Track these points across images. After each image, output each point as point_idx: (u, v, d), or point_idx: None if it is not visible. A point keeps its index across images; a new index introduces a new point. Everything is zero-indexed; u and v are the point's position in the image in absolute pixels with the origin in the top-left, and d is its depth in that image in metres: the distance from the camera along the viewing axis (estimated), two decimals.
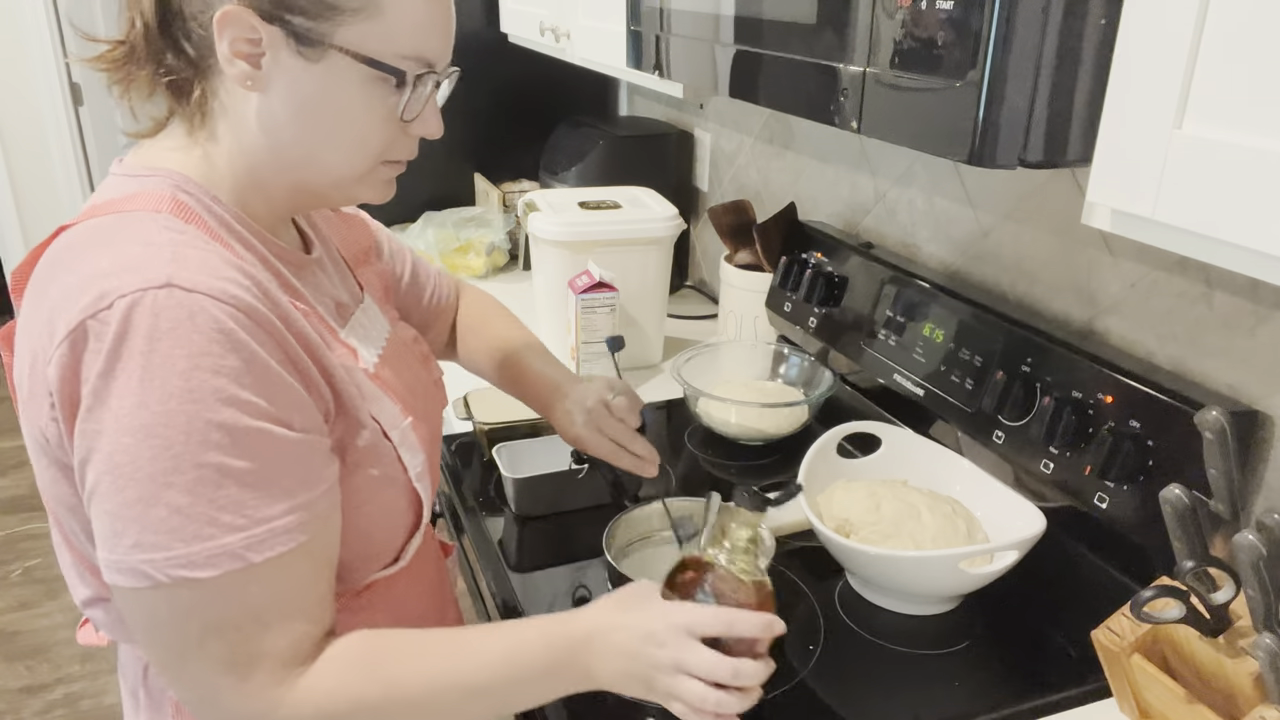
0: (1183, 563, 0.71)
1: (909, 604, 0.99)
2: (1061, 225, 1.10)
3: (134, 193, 0.67)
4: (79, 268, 0.61)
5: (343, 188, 0.73)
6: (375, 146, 0.71)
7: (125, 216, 0.64)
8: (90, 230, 0.64)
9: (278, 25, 0.65)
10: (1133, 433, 0.91)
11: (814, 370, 1.41)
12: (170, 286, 0.58)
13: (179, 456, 0.58)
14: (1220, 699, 0.75)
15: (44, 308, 0.61)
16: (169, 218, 0.65)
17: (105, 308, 0.58)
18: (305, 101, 0.68)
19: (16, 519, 2.98)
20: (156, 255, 0.60)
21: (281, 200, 0.74)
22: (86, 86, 3.50)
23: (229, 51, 0.65)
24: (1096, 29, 0.66)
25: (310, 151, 0.70)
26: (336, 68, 0.67)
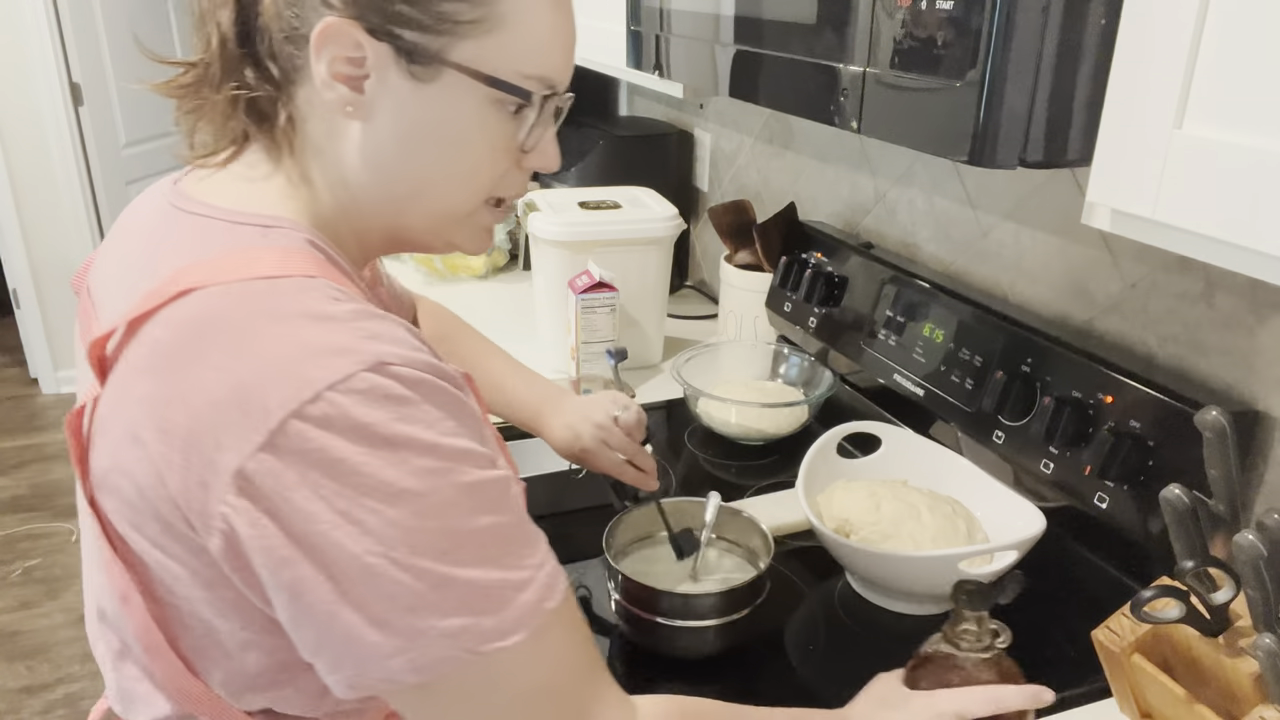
0: (1183, 563, 0.71)
1: (909, 604, 0.99)
2: (1061, 225, 1.10)
3: (264, 248, 0.57)
4: (245, 349, 0.51)
5: (443, 231, 0.66)
6: (487, 180, 0.64)
7: (276, 284, 0.54)
8: (237, 300, 0.53)
9: (387, 41, 0.57)
10: (1133, 433, 0.91)
11: (814, 370, 1.41)
12: (382, 365, 0.51)
13: (456, 531, 0.52)
14: (1220, 699, 0.75)
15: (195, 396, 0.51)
16: (327, 284, 0.56)
17: (310, 400, 0.49)
18: (413, 129, 0.60)
19: (16, 519, 2.98)
20: (346, 331, 0.52)
21: (373, 245, 0.67)
22: (86, 86, 3.50)
23: (328, 73, 0.57)
24: (1096, 29, 0.66)
25: (415, 187, 0.62)
26: (451, 89, 0.59)
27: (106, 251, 0.68)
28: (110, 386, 0.55)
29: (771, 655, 0.93)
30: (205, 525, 0.51)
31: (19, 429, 3.54)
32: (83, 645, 2.43)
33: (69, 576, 2.71)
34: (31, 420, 3.61)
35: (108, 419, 0.55)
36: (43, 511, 3.02)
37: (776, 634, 0.96)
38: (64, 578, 2.70)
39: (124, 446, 0.54)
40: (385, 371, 0.51)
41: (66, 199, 3.58)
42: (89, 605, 0.66)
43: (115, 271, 0.64)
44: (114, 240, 0.68)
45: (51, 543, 2.87)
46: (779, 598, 0.98)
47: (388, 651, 0.51)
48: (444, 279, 2.02)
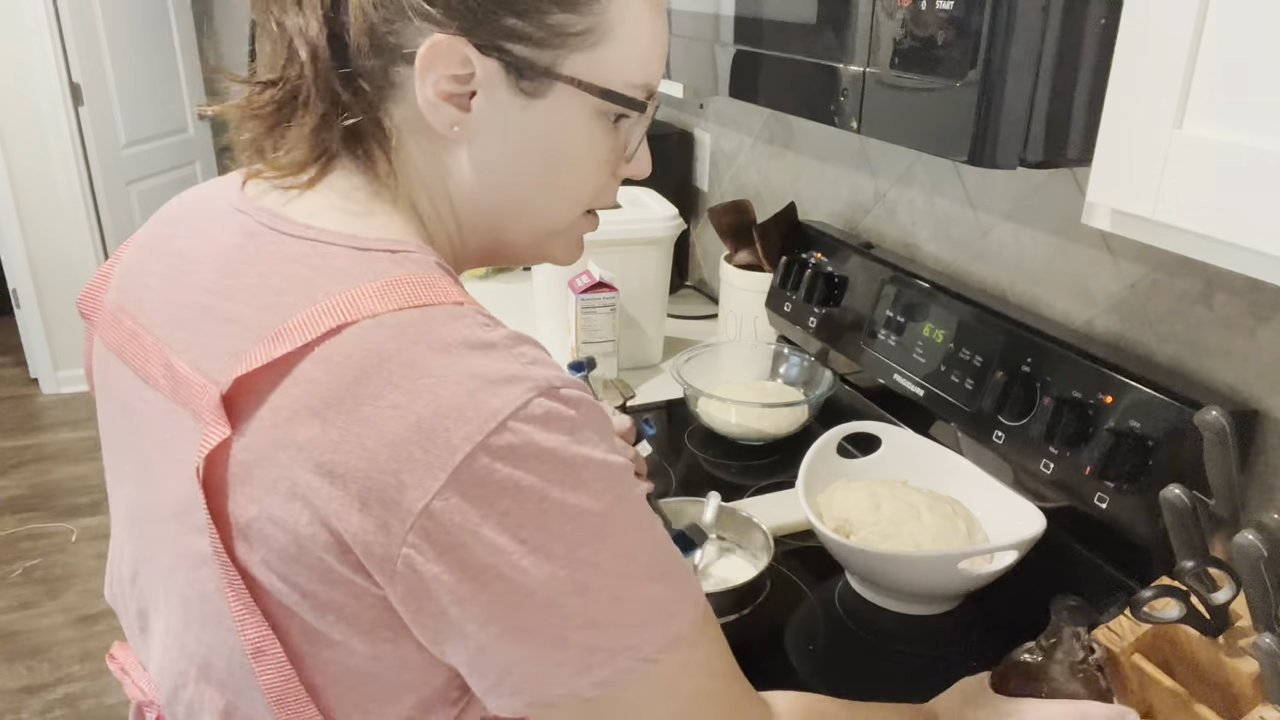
0: (1182, 562, 0.71)
1: (909, 604, 0.99)
2: (1061, 225, 1.10)
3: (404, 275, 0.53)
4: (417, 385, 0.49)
5: (541, 245, 0.65)
6: (588, 193, 0.64)
7: (430, 313, 0.51)
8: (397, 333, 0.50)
9: (496, 57, 0.55)
10: (1133, 433, 0.91)
11: (814, 370, 1.41)
12: (551, 389, 0.50)
13: (633, 546, 0.52)
14: (1220, 699, 0.75)
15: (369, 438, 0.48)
16: (475, 309, 0.54)
17: (494, 430, 0.48)
18: (521, 146, 0.58)
19: (16, 519, 2.98)
20: (510, 358, 0.51)
21: (464, 263, 0.65)
22: (86, 86, 3.51)
23: (434, 93, 0.55)
24: (1096, 29, 0.66)
25: (520, 204, 0.61)
26: (560, 104, 0.57)
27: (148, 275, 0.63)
28: (252, 431, 0.51)
29: (771, 655, 0.93)
30: (385, 570, 0.49)
31: (19, 429, 3.54)
32: (83, 645, 2.43)
33: (69, 576, 2.71)
34: (31, 420, 3.61)
35: (252, 466, 0.51)
36: (43, 511, 3.02)
37: (776, 634, 0.96)
38: (64, 578, 2.70)
39: (278, 494, 0.50)
40: (556, 395, 0.50)
41: (66, 199, 3.58)
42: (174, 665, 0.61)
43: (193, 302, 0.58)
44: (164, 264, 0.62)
45: (51, 543, 2.87)
46: (779, 598, 0.98)
47: (574, 670, 0.51)
48: None
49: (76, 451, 3.39)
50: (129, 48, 3.71)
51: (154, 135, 3.92)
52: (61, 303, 3.72)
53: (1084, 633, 0.70)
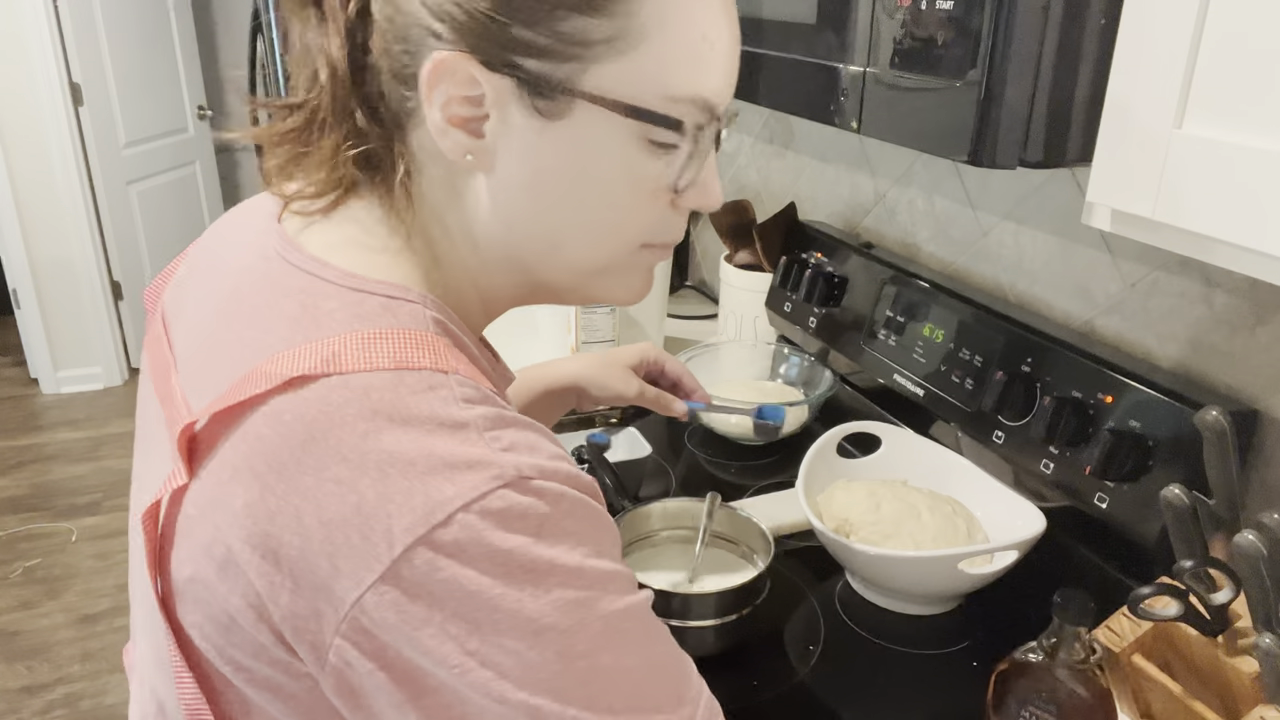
0: (1182, 562, 0.71)
1: (909, 604, 0.99)
2: (1061, 225, 1.10)
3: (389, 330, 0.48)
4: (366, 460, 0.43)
5: (586, 286, 0.57)
6: (636, 228, 0.54)
7: (404, 380, 0.46)
8: (359, 397, 0.45)
9: (506, 74, 0.49)
10: (1133, 433, 0.91)
11: (814, 370, 1.41)
12: (521, 480, 0.44)
13: (606, 671, 0.45)
14: (1220, 699, 0.75)
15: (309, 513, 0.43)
16: (458, 380, 0.47)
17: (441, 523, 0.42)
18: (544, 175, 0.51)
19: (16, 519, 2.98)
20: (480, 441, 0.45)
21: (499, 304, 0.59)
22: (86, 87, 3.51)
23: (442, 118, 0.49)
24: (1096, 29, 0.66)
25: (552, 242, 0.54)
26: (586, 124, 0.50)
27: (192, 280, 0.60)
28: (200, 483, 0.47)
29: (771, 655, 0.93)
30: (316, 658, 0.45)
31: (19, 429, 3.54)
32: (83, 645, 2.43)
33: (69, 576, 2.71)
34: (31, 420, 3.61)
35: (195, 521, 0.47)
36: (43, 511, 3.02)
37: (776, 634, 0.96)
38: (64, 578, 2.70)
39: (212, 561, 0.46)
40: (525, 487, 0.44)
41: (66, 199, 3.58)
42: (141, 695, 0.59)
43: (205, 319, 0.55)
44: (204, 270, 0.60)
45: (51, 543, 2.87)
46: (779, 598, 0.98)
47: None
48: None
49: (76, 451, 3.38)
50: (129, 48, 3.71)
51: (154, 135, 3.92)
52: (61, 303, 3.72)
53: (1085, 633, 0.70)
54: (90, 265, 3.69)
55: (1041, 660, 0.71)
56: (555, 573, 0.44)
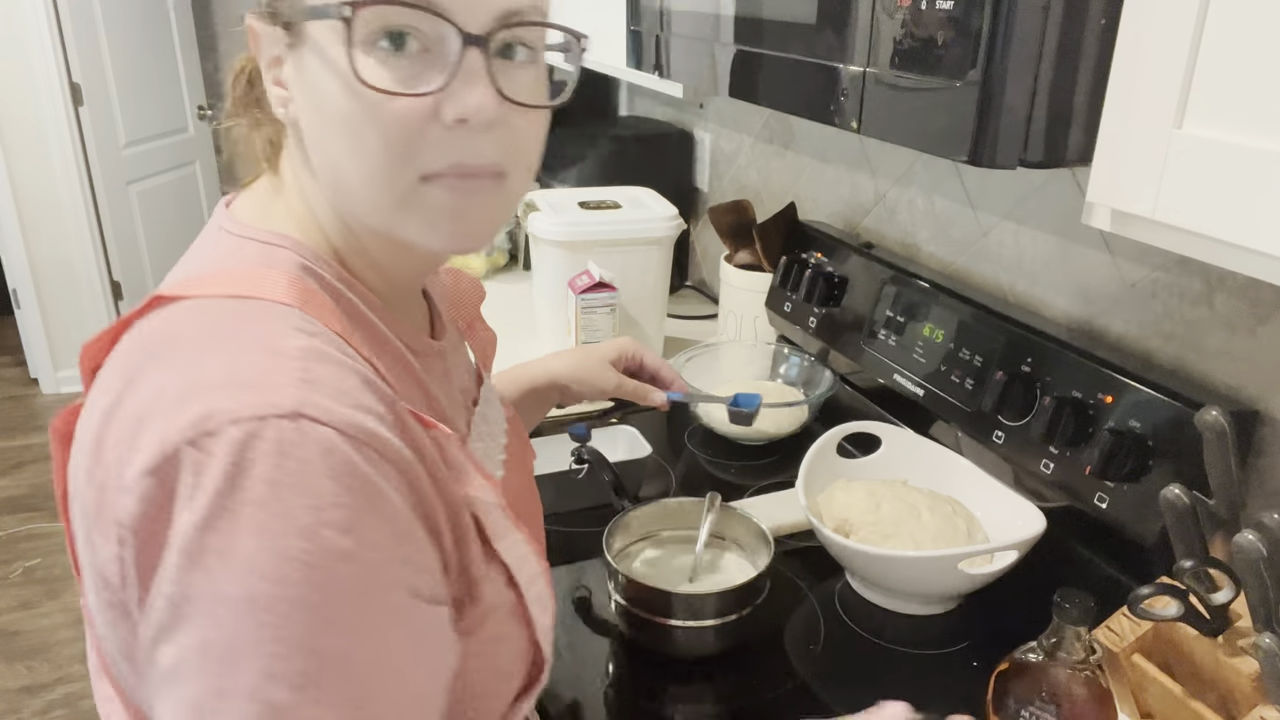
0: (1182, 562, 0.71)
1: (909, 604, 0.99)
2: (1061, 225, 1.10)
3: (252, 267, 0.53)
4: (181, 366, 0.47)
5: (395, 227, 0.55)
6: (395, 144, 0.52)
7: (246, 305, 0.50)
8: (200, 315, 0.50)
9: (273, 23, 0.54)
10: (1133, 433, 0.91)
11: (814, 370, 1.41)
12: (299, 418, 0.45)
13: (289, 640, 0.43)
14: (1220, 699, 0.75)
15: (129, 408, 0.47)
16: (300, 315, 0.50)
17: (209, 433, 0.44)
18: (310, 111, 0.55)
19: (16, 519, 2.98)
20: (283, 370, 0.46)
21: (382, 259, 0.59)
22: (86, 87, 3.51)
23: (270, 79, 0.56)
24: (1096, 29, 0.66)
25: (335, 179, 0.55)
26: (313, 46, 0.53)
27: None
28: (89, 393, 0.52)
29: (771, 655, 0.93)
30: (104, 534, 0.47)
31: (19, 429, 3.54)
32: (83, 645, 2.43)
33: (69, 576, 2.71)
34: (31, 420, 3.61)
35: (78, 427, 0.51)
36: (43, 511, 3.02)
37: (776, 634, 0.96)
38: (64, 578, 2.70)
39: (78, 454, 0.50)
40: (298, 426, 0.44)
41: (66, 199, 3.58)
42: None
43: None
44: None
45: (51, 543, 2.87)
46: (779, 598, 0.98)
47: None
48: None
49: None
50: (129, 48, 3.71)
51: (154, 135, 3.92)
52: (61, 303, 3.72)
53: (1085, 632, 0.70)
54: (90, 265, 3.69)
55: (1041, 660, 0.71)
56: (288, 519, 0.44)
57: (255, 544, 0.43)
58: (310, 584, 0.44)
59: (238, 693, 0.43)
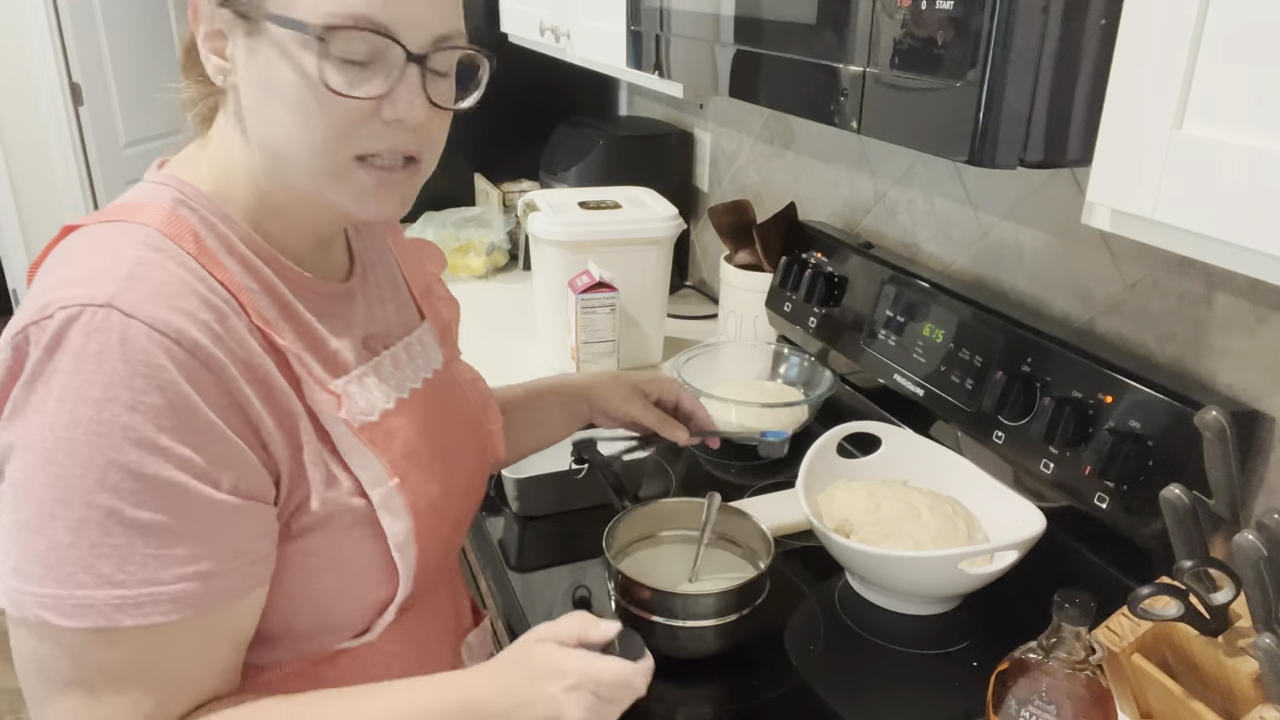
0: (1181, 562, 0.71)
1: (909, 604, 0.99)
2: (1061, 225, 1.10)
3: (138, 202, 0.64)
4: (54, 272, 0.59)
5: (324, 194, 0.65)
6: (333, 135, 0.63)
7: (112, 227, 0.62)
8: (82, 236, 0.62)
9: (227, 8, 0.62)
10: (1133, 433, 0.91)
11: (814, 370, 1.41)
12: (109, 307, 0.55)
13: (71, 489, 0.54)
14: (1220, 699, 0.75)
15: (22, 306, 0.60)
16: (149, 231, 0.61)
17: (46, 317, 0.55)
18: (260, 89, 0.63)
19: None
20: (112, 271, 0.57)
21: (295, 216, 0.68)
22: (86, 86, 3.50)
23: (205, 47, 0.64)
24: (1096, 29, 0.66)
25: (276, 148, 0.64)
26: (274, 42, 0.61)
27: None
28: None
29: (771, 655, 0.93)
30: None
31: None
32: None
33: None
34: None
35: None
36: None
37: (776, 634, 0.96)
38: None
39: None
40: (107, 314, 0.55)
41: (66, 199, 3.58)
42: None
43: None
44: None
45: None
46: (779, 598, 0.98)
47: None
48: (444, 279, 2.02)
49: None
50: (129, 48, 3.71)
51: (154, 135, 3.92)
52: None
53: (1085, 632, 0.70)
54: None
55: (1041, 660, 0.71)
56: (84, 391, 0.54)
57: (55, 406, 0.54)
58: (92, 447, 0.54)
59: (30, 526, 0.55)
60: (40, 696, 0.58)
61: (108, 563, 0.55)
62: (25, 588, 0.55)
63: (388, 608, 0.71)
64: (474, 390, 0.89)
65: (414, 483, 0.71)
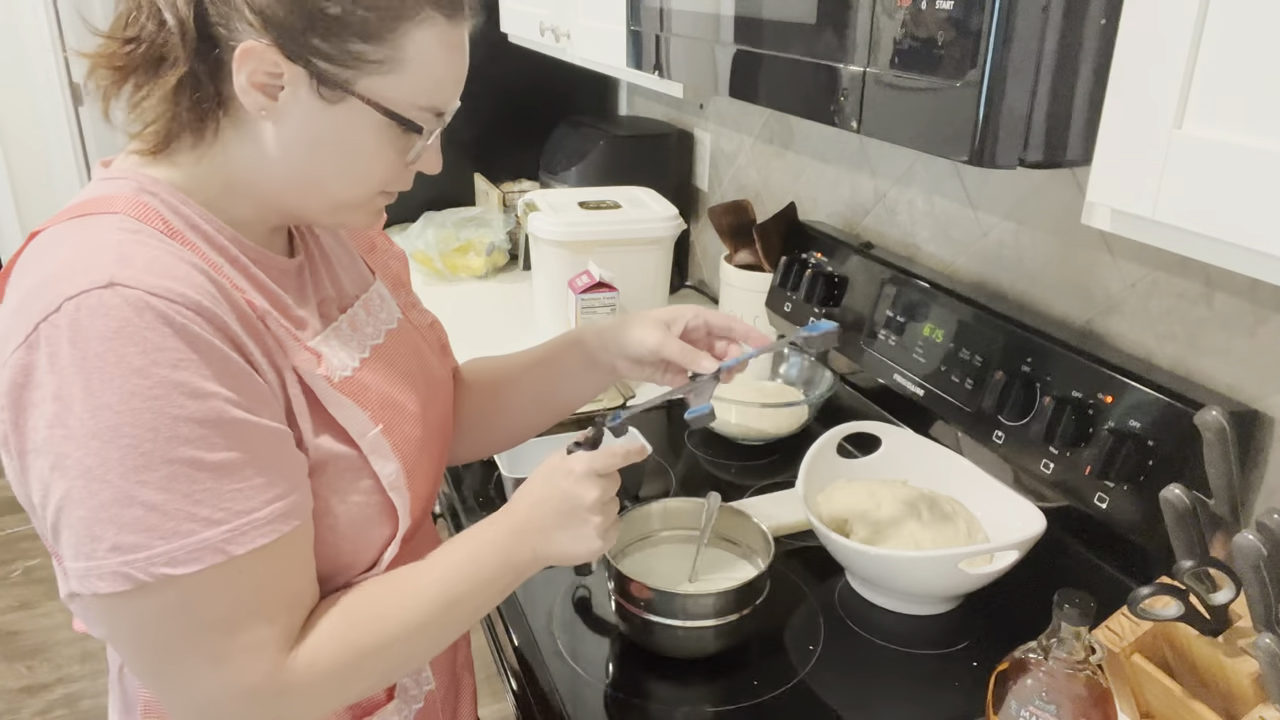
0: (1181, 562, 0.71)
1: (909, 604, 0.99)
2: (1061, 225, 1.10)
3: (100, 195, 0.66)
4: (35, 272, 0.61)
5: (337, 214, 0.73)
6: (378, 182, 0.72)
7: (83, 220, 0.64)
8: (54, 235, 0.64)
9: (301, 65, 0.64)
10: (1133, 433, 0.91)
11: (814, 370, 1.41)
12: (113, 285, 0.58)
13: (149, 454, 0.57)
14: (1220, 699, 0.75)
15: (6, 307, 0.61)
16: (122, 218, 0.64)
17: (55, 310, 0.57)
18: (317, 138, 0.67)
19: (16, 519, 2.98)
20: (102, 256, 0.60)
21: (272, 213, 0.73)
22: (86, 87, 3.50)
23: (246, 82, 0.64)
24: (1096, 29, 0.66)
25: (314, 182, 0.70)
26: (353, 112, 0.67)
27: None
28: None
29: (771, 655, 0.93)
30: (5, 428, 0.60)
31: None
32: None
33: None
34: None
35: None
36: None
37: (776, 634, 0.96)
38: None
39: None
40: (114, 291, 0.57)
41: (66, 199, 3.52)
42: None
43: None
44: None
45: None
46: (779, 598, 0.98)
47: (71, 554, 0.59)
48: (444, 279, 2.02)
49: None
50: None
51: None
52: None
53: (1085, 632, 0.70)
54: None
55: (1041, 660, 0.71)
56: (122, 365, 0.57)
57: (103, 387, 0.57)
58: (154, 411, 0.57)
59: (118, 501, 0.57)
60: (173, 658, 0.62)
61: (204, 506, 0.59)
62: (134, 556, 0.58)
63: (391, 542, 0.76)
64: (431, 334, 0.93)
65: (397, 427, 0.77)
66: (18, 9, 3.31)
